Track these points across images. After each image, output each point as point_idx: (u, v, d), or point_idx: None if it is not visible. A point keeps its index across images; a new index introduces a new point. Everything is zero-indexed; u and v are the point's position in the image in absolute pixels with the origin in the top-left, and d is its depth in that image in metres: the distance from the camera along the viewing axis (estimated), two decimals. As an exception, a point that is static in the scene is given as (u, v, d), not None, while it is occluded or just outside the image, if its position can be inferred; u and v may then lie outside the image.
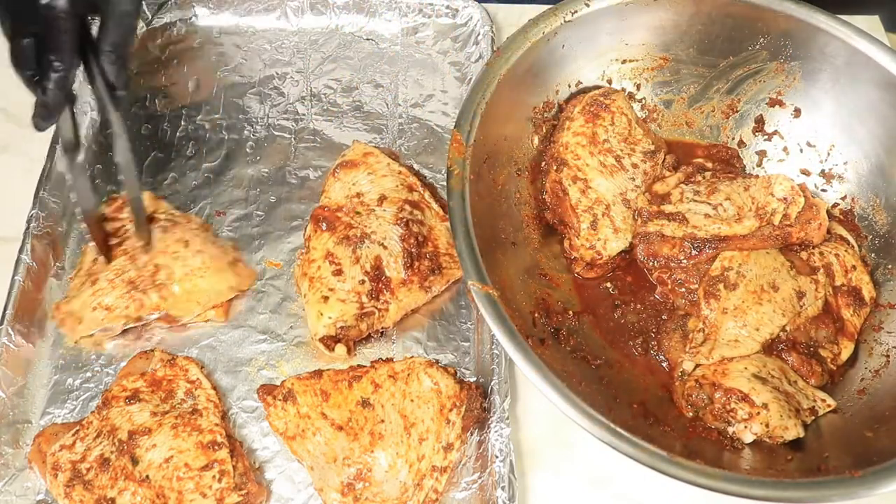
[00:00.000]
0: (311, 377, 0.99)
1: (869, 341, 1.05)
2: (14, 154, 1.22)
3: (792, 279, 1.03)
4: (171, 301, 1.04)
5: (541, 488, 1.00)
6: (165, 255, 1.05)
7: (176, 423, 0.94)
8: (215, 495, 0.90)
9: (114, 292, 1.03)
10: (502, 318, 0.89)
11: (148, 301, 1.03)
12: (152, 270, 1.04)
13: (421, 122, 1.27)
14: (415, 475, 0.93)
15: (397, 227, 1.07)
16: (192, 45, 1.33)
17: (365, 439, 0.94)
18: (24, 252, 1.05)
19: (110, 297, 1.03)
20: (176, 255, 1.05)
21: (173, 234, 1.07)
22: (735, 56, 1.17)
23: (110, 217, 1.10)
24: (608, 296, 1.08)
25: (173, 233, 1.07)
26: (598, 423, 0.84)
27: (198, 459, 0.91)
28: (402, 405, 0.96)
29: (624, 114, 1.13)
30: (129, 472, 0.90)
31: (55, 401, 1.01)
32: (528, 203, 1.11)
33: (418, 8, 1.34)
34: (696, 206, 1.07)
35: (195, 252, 1.06)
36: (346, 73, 1.31)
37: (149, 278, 1.04)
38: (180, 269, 1.05)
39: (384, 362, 1.00)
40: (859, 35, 1.09)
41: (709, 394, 0.96)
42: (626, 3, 1.11)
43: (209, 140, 1.24)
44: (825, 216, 1.06)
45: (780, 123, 1.19)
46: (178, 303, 1.04)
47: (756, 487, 0.82)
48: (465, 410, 0.95)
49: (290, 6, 1.34)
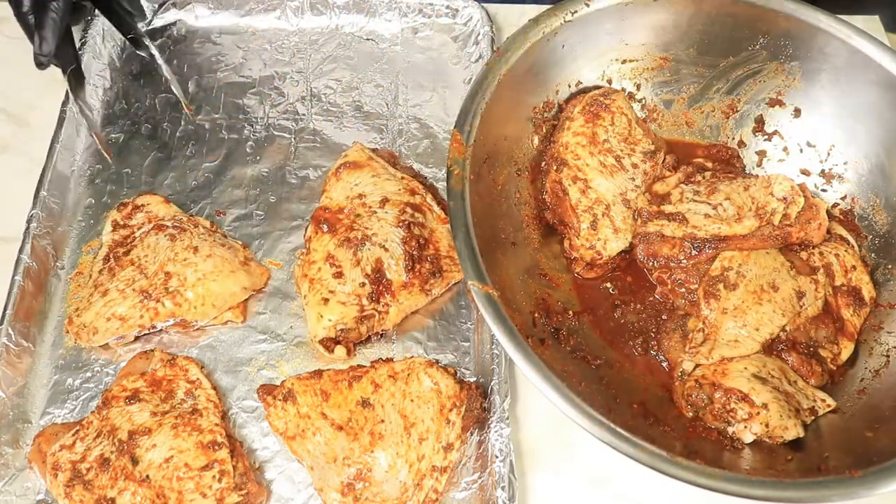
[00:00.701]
0: (311, 377, 0.99)
1: (869, 341, 1.05)
2: (14, 154, 1.22)
3: (792, 279, 1.03)
4: (185, 307, 1.03)
5: (541, 488, 1.00)
6: (175, 262, 1.05)
7: (176, 423, 0.94)
8: (215, 495, 0.90)
9: (126, 302, 1.03)
10: (502, 318, 0.89)
11: (162, 309, 1.03)
12: (164, 278, 1.04)
13: (421, 122, 1.27)
14: (415, 475, 0.93)
15: (399, 230, 1.07)
16: (192, 45, 1.33)
17: (365, 439, 0.94)
18: (24, 252, 1.05)
19: (123, 307, 1.02)
20: (186, 261, 1.05)
21: (181, 241, 1.07)
22: (735, 56, 1.17)
23: (120, 223, 1.11)
24: (608, 296, 1.08)
25: (181, 240, 1.07)
26: (598, 423, 0.84)
27: (198, 459, 0.91)
28: (402, 405, 0.96)
29: (624, 114, 1.13)
30: (129, 472, 0.90)
31: (55, 401, 1.01)
32: (528, 203, 1.11)
33: (418, 8, 1.34)
34: (695, 205, 1.07)
35: (205, 257, 1.06)
36: (346, 73, 1.31)
37: (161, 286, 1.03)
38: (192, 274, 1.04)
39: (384, 362, 1.00)
40: (859, 35, 1.09)
41: (709, 394, 0.96)
42: (626, 3, 1.11)
43: (209, 140, 1.24)
44: (825, 216, 1.06)
45: (780, 123, 1.19)
46: (193, 308, 1.04)
47: (756, 487, 0.82)
48: (465, 410, 0.95)
49: (290, 6, 1.34)
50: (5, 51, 1.32)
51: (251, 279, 1.09)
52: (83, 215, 1.15)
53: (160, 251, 1.06)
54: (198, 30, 1.35)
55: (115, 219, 1.12)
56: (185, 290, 1.04)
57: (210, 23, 1.35)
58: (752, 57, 1.16)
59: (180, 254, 1.06)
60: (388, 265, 1.06)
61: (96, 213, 1.15)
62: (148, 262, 1.06)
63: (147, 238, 1.08)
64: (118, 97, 1.27)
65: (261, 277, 1.10)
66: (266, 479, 0.97)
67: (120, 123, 1.24)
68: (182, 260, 1.05)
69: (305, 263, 1.08)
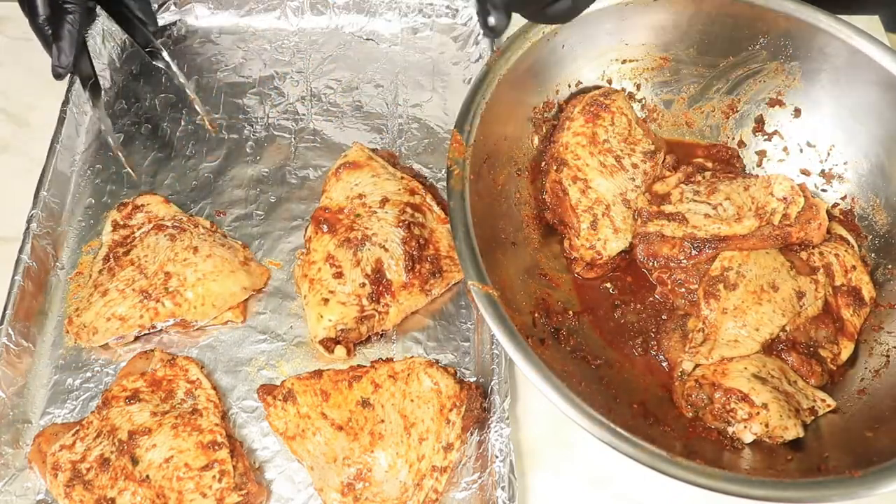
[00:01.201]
0: (311, 377, 0.99)
1: (869, 341, 1.05)
2: (14, 154, 1.22)
3: (792, 279, 1.03)
4: (185, 307, 1.03)
5: (541, 488, 1.00)
6: (175, 262, 1.05)
7: (176, 423, 0.94)
8: (215, 495, 0.90)
9: (126, 302, 1.03)
10: (502, 318, 0.89)
11: (162, 309, 1.03)
12: (163, 278, 1.04)
13: (421, 122, 1.27)
14: (415, 475, 0.93)
15: (399, 230, 1.07)
16: (192, 45, 1.33)
17: (365, 439, 0.94)
18: (24, 252, 1.05)
19: (122, 307, 1.02)
20: (186, 261, 1.05)
21: (181, 241, 1.07)
22: (735, 56, 1.17)
23: (120, 224, 1.11)
24: (608, 296, 1.08)
25: (181, 240, 1.07)
26: (598, 423, 0.84)
27: (198, 459, 0.91)
28: (402, 405, 0.96)
29: (624, 114, 1.13)
30: (129, 472, 0.90)
31: (55, 401, 1.01)
32: (528, 203, 1.11)
33: (418, 8, 1.34)
34: (695, 205, 1.07)
35: (205, 257, 1.06)
36: (346, 73, 1.31)
37: (161, 286, 1.03)
38: (192, 274, 1.04)
39: (384, 362, 1.00)
40: (859, 35, 1.09)
41: (708, 394, 0.96)
42: (626, 3, 1.11)
43: (209, 140, 1.24)
44: (825, 216, 1.06)
45: (780, 123, 1.19)
46: (192, 308, 1.04)
47: (756, 487, 0.82)
48: (465, 410, 0.95)
49: (290, 6, 1.34)
50: (6, 51, 1.32)
51: (251, 279, 1.08)
52: (83, 215, 1.15)
53: (160, 251, 1.06)
54: (198, 30, 1.35)
55: (115, 219, 1.12)
56: (185, 290, 1.03)
57: (210, 23, 1.35)
58: (752, 57, 1.16)
59: (180, 254, 1.05)
60: (389, 265, 1.05)
61: (96, 213, 1.16)
62: (148, 262, 1.06)
63: (147, 238, 1.08)
64: (118, 97, 1.27)
65: (261, 277, 1.10)
66: (266, 479, 0.97)
67: (120, 123, 1.24)
68: (182, 260, 1.05)
69: (305, 263, 1.08)
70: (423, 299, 1.08)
